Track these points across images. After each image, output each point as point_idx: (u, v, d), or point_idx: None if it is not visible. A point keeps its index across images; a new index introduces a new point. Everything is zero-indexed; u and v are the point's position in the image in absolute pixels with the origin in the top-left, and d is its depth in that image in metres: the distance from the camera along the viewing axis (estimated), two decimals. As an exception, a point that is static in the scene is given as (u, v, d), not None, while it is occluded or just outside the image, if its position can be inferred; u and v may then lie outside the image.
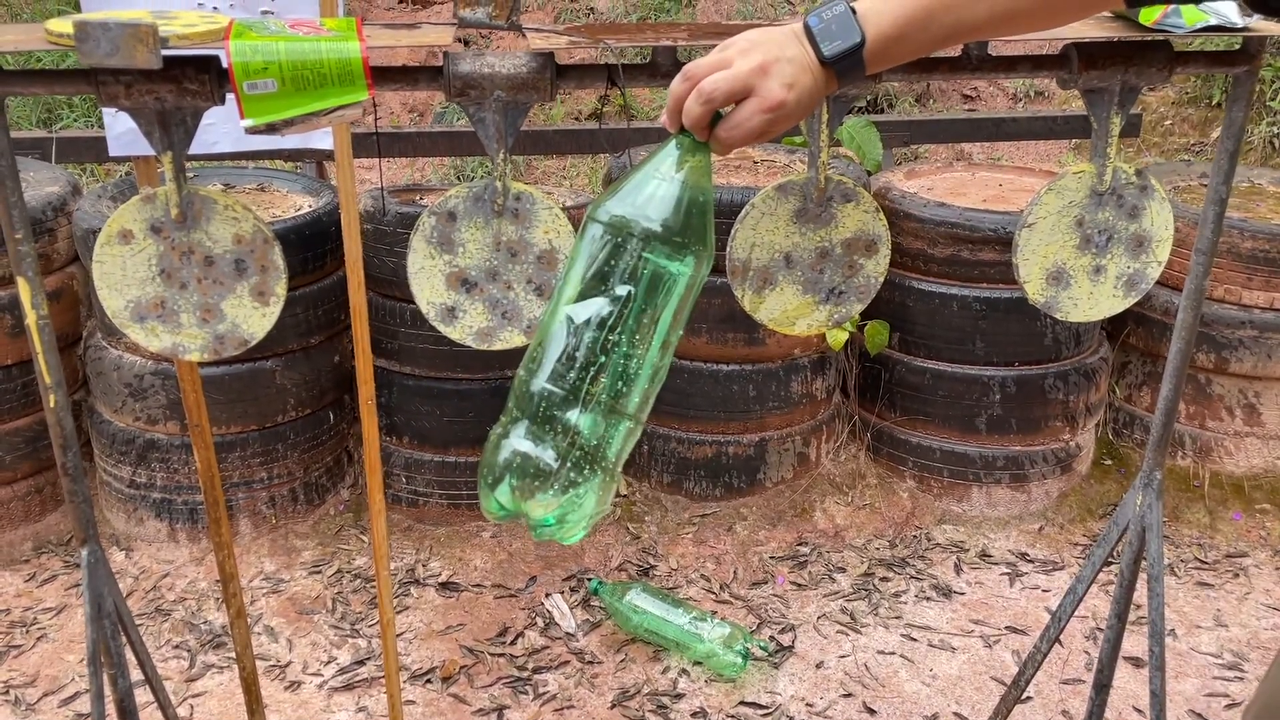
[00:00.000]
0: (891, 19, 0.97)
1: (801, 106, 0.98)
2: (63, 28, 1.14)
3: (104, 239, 1.27)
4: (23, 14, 5.96)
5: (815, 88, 0.99)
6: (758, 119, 0.97)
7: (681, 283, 1.03)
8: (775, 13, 6.35)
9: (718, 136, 0.99)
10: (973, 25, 0.98)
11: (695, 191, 1.01)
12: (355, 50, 1.14)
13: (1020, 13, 0.97)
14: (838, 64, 0.98)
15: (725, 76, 0.96)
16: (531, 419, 1.02)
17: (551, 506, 1.03)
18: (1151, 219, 1.42)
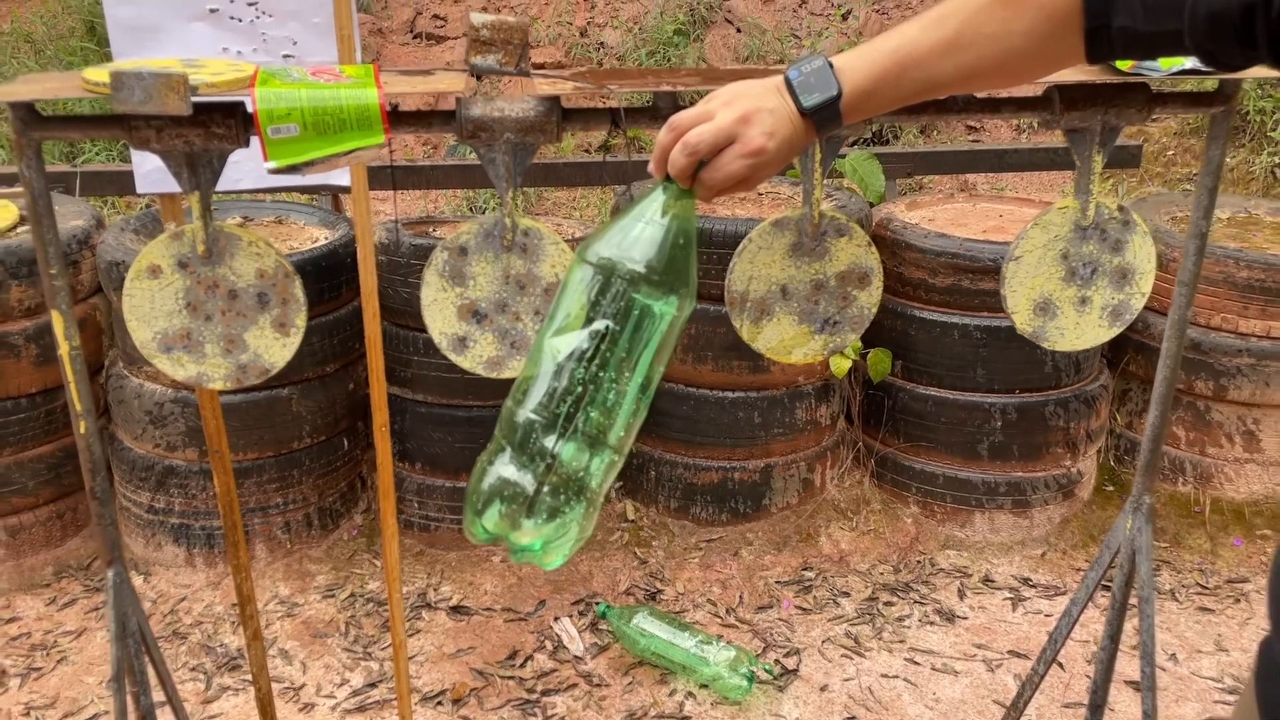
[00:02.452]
0: (866, 74, 1.04)
1: (781, 155, 1.05)
2: (99, 76, 1.22)
3: (134, 273, 1.34)
4: (46, 49, 6.11)
5: (795, 137, 1.06)
6: (739, 164, 1.04)
7: (664, 321, 1.09)
8: (783, 47, 6.45)
9: (701, 180, 1.06)
10: (942, 82, 1.04)
11: (679, 235, 1.08)
12: (373, 97, 1.21)
13: (984, 71, 1.03)
14: (816, 115, 1.04)
15: (709, 128, 1.04)
16: (517, 448, 1.08)
17: (536, 534, 1.08)
18: (1134, 252, 1.48)
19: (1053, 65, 1.04)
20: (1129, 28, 0.94)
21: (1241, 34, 0.87)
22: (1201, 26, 0.89)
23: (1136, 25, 0.94)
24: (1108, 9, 0.95)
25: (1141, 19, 0.93)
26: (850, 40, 6.45)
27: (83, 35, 6.16)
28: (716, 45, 6.65)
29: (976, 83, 1.06)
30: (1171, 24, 0.91)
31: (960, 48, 1.01)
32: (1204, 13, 0.89)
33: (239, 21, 1.75)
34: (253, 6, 1.75)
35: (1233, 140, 5.60)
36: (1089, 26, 0.97)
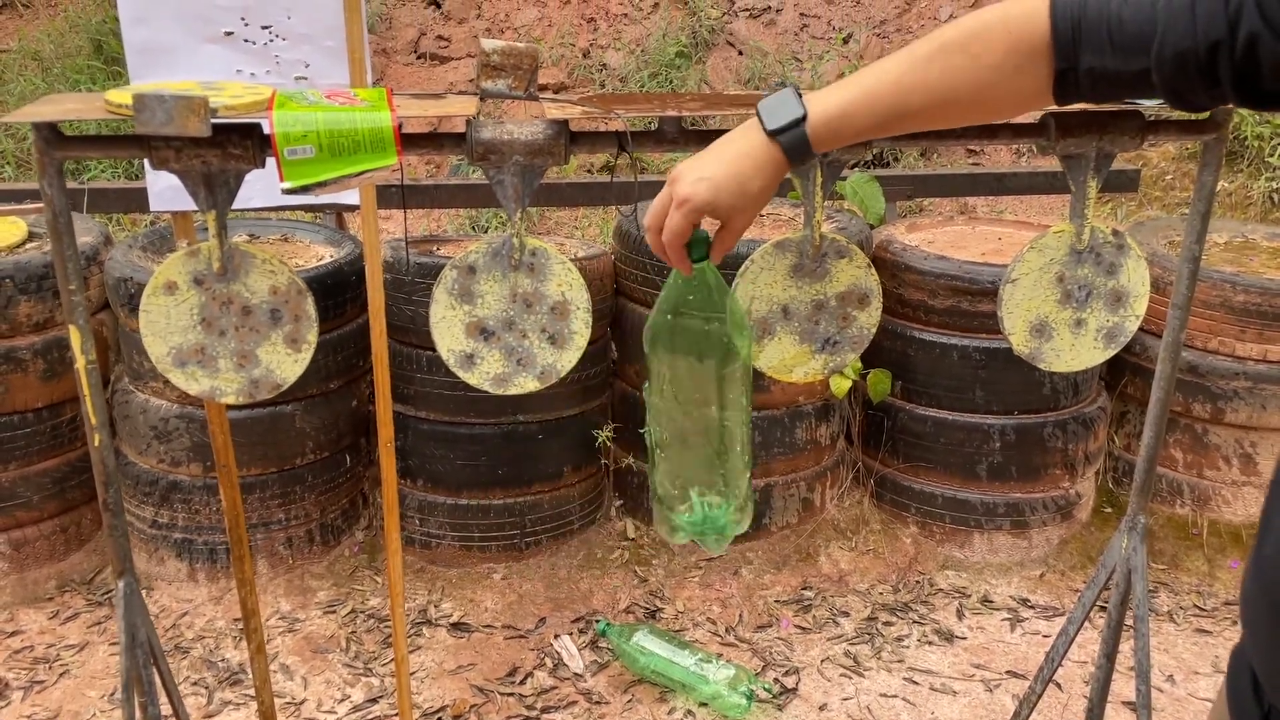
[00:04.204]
0: (835, 100, 1.07)
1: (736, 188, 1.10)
2: (121, 98, 1.25)
3: (150, 290, 1.37)
4: (53, 68, 6.17)
5: (758, 168, 1.09)
6: (675, 218, 1.13)
7: None
8: (784, 69, 6.51)
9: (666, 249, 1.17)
10: (912, 111, 1.05)
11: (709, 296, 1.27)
12: (387, 120, 1.25)
13: (955, 104, 1.04)
14: (782, 136, 1.08)
15: (651, 208, 1.17)
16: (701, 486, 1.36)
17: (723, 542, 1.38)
18: (1129, 275, 1.51)
19: (1022, 103, 1.04)
20: (1096, 68, 0.96)
21: (1206, 73, 0.89)
22: (1168, 65, 0.91)
23: (1105, 64, 0.95)
24: (1076, 50, 0.96)
25: (1110, 57, 0.94)
26: (851, 64, 6.52)
27: (89, 54, 6.22)
28: (718, 67, 6.71)
29: (947, 114, 1.07)
30: (1139, 63, 0.93)
31: (930, 80, 1.03)
32: (1170, 52, 0.90)
33: (253, 44, 1.79)
34: (266, 30, 1.79)
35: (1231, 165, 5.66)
36: (1058, 68, 0.98)
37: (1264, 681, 0.88)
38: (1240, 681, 0.92)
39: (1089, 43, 0.96)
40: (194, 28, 1.74)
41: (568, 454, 3.04)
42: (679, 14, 6.87)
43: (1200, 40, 0.88)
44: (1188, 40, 0.89)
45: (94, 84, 5.93)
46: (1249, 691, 0.90)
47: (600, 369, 3.09)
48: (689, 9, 6.85)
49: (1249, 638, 0.90)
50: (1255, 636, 0.88)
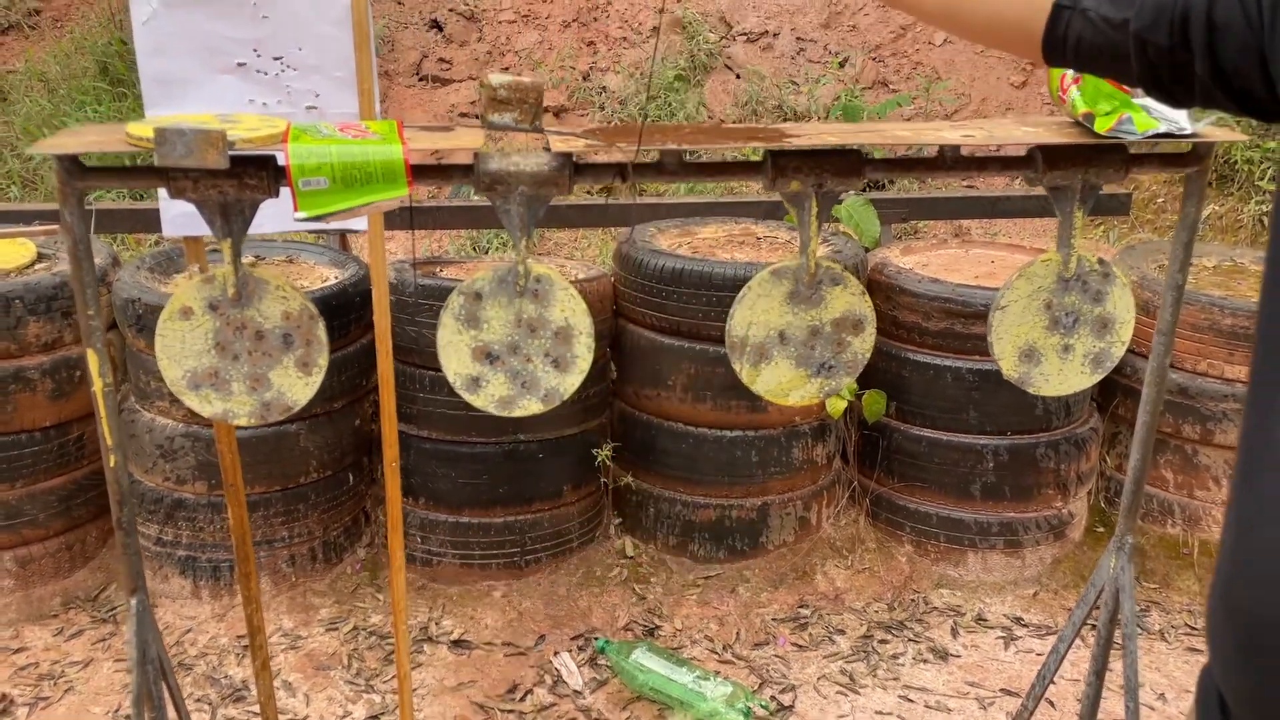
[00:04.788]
0: None
1: None
2: (142, 131, 1.30)
3: (167, 314, 1.41)
4: (59, 89, 6.23)
5: None
6: None
7: None
8: (781, 93, 6.59)
9: None
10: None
11: None
12: (398, 153, 1.30)
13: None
14: None
15: None
16: None
17: None
18: (1114, 303, 1.56)
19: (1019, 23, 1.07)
20: (1091, 10, 1.00)
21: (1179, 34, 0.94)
22: (1147, 14, 0.96)
23: (1100, 10, 1.00)
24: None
25: (1107, 7, 1.00)
26: (847, 87, 6.60)
27: (95, 75, 6.28)
28: (716, 91, 6.79)
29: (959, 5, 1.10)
30: (1125, 11, 0.98)
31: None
32: (1149, 9, 0.97)
33: (265, 75, 1.84)
34: (278, 61, 1.84)
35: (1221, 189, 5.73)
36: (1057, 2, 1.03)
37: (1230, 702, 0.91)
38: (1209, 702, 0.95)
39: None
40: (208, 59, 1.79)
41: (568, 472, 3.08)
42: (678, 38, 6.95)
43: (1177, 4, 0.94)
44: None
45: (99, 105, 6.00)
46: (1217, 712, 0.93)
47: (600, 389, 3.13)
48: (688, 33, 6.93)
49: (1214, 657, 0.93)
50: (1220, 656, 0.92)
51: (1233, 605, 0.89)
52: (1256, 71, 0.90)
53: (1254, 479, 0.89)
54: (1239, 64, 0.91)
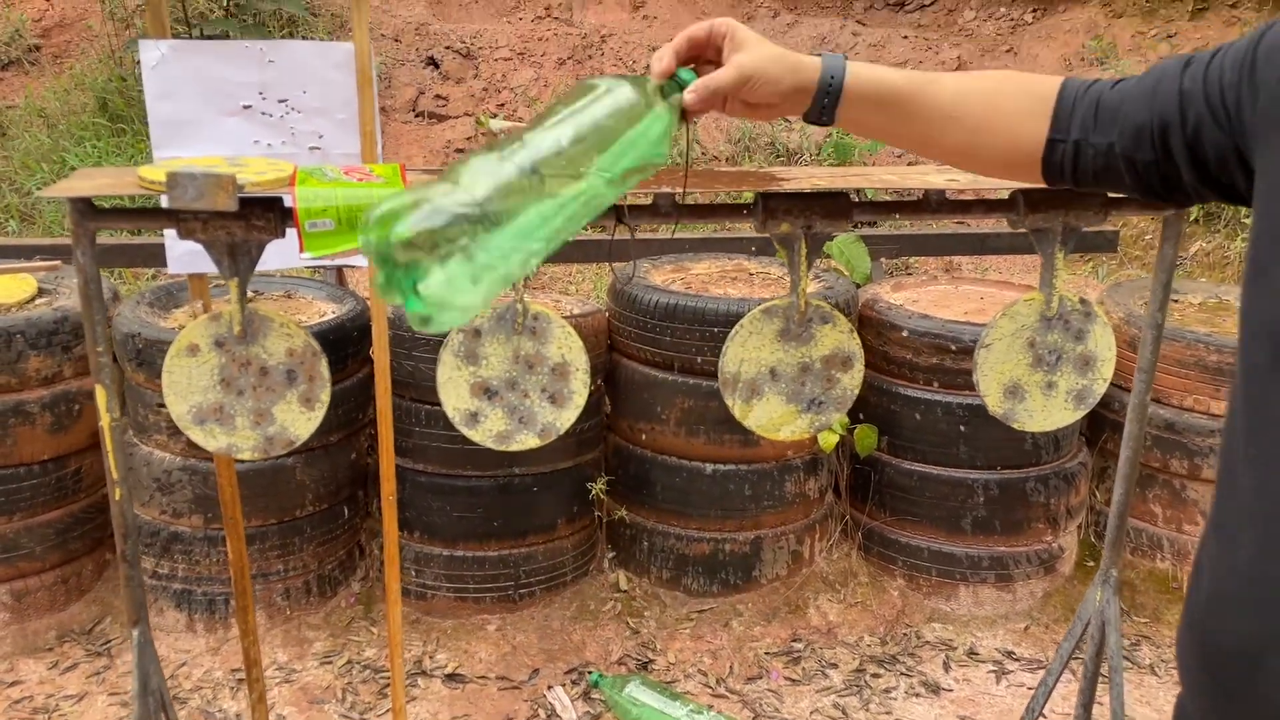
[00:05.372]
0: (874, 71, 1.14)
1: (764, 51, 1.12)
2: (155, 175, 1.34)
3: (174, 351, 1.45)
4: (59, 124, 6.30)
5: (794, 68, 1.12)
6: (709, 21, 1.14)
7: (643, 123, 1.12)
8: (773, 130, 6.69)
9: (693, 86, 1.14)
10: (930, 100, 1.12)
11: None
12: (402, 196, 1.34)
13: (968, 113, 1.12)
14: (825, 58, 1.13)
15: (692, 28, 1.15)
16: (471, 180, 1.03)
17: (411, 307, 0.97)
18: (1095, 341, 1.60)
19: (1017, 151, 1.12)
20: (1080, 140, 1.07)
21: (1160, 148, 1.00)
22: (1128, 136, 1.02)
23: (1087, 138, 1.06)
24: (1070, 121, 1.08)
25: (1092, 132, 1.06)
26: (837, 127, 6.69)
27: (94, 111, 6.35)
28: (709, 128, 6.89)
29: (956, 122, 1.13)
30: (1110, 136, 1.04)
31: (957, 82, 1.13)
32: (1131, 124, 1.02)
33: (270, 117, 1.89)
34: (283, 103, 1.89)
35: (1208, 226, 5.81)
36: (1051, 135, 1.09)
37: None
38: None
39: (1077, 118, 1.07)
40: (215, 102, 1.84)
41: (562, 506, 3.11)
42: (671, 75, 7.05)
43: (1155, 117, 1.00)
44: (1145, 115, 1.01)
45: (98, 140, 6.06)
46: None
47: (594, 423, 3.16)
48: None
49: (1184, 685, 0.97)
50: (1189, 684, 0.95)
51: (1199, 635, 0.92)
52: (1237, 169, 0.95)
53: (1221, 517, 0.93)
54: (1220, 165, 0.96)
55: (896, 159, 6.74)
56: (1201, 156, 0.98)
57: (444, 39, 7.31)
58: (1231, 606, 0.90)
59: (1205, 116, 0.95)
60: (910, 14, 8.66)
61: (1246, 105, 0.91)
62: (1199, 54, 1.00)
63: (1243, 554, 0.88)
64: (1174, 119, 0.98)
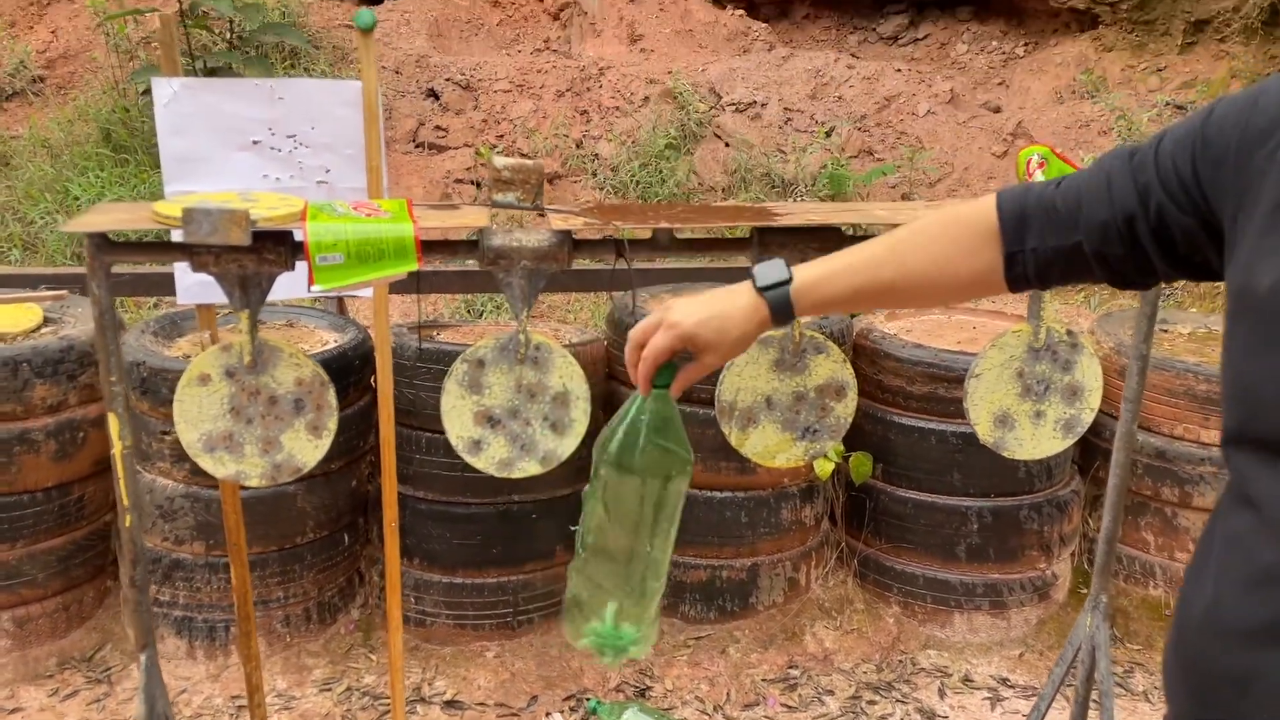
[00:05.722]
0: (819, 269, 1.20)
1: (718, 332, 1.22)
2: (170, 210, 1.39)
3: (185, 381, 1.49)
4: (62, 155, 6.36)
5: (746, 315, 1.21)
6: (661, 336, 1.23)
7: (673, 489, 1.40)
8: (769, 161, 6.77)
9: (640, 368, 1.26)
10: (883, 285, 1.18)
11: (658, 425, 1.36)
12: (409, 230, 1.39)
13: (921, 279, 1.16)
14: (768, 293, 1.20)
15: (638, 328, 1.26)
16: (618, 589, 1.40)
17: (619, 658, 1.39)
18: (1083, 371, 1.65)
19: (977, 282, 1.16)
20: (1039, 248, 1.09)
21: (1127, 240, 1.03)
22: (1094, 235, 1.04)
23: (1045, 243, 1.08)
24: (1022, 234, 1.10)
25: (1049, 237, 1.08)
26: (833, 156, 6.78)
27: (98, 141, 6.42)
28: (706, 159, 6.97)
29: (913, 290, 1.19)
30: (1072, 238, 1.06)
31: (899, 257, 1.17)
32: (1095, 223, 1.04)
33: (279, 152, 1.94)
34: (291, 139, 1.94)
35: (1197, 256, 5.87)
36: (1007, 252, 1.11)
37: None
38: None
39: (1031, 227, 1.09)
40: (225, 137, 1.89)
41: (560, 533, 3.13)
42: (669, 107, 7.15)
43: (1117, 212, 1.02)
44: (1106, 212, 1.03)
45: (101, 170, 6.12)
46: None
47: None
48: (678, 103, 7.13)
49: (1170, 708, 1.00)
50: (1174, 706, 0.99)
51: (1184, 659, 0.96)
52: (1208, 245, 0.98)
53: (1205, 545, 0.97)
54: (1189, 246, 1.00)
55: (891, 189, 6.82)
56: (1170, 241, 1.01)
57: (444, 71, 7.40)
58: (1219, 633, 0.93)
59: (1167, 203, 0.99)
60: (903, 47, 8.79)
61: (1206, 181, 0.95)
62: (1140, 145, 1.04)
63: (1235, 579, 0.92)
64: (1137, 210, 1.01)
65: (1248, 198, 0.91)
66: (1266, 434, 0.87)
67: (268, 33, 6.30)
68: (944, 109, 7.30)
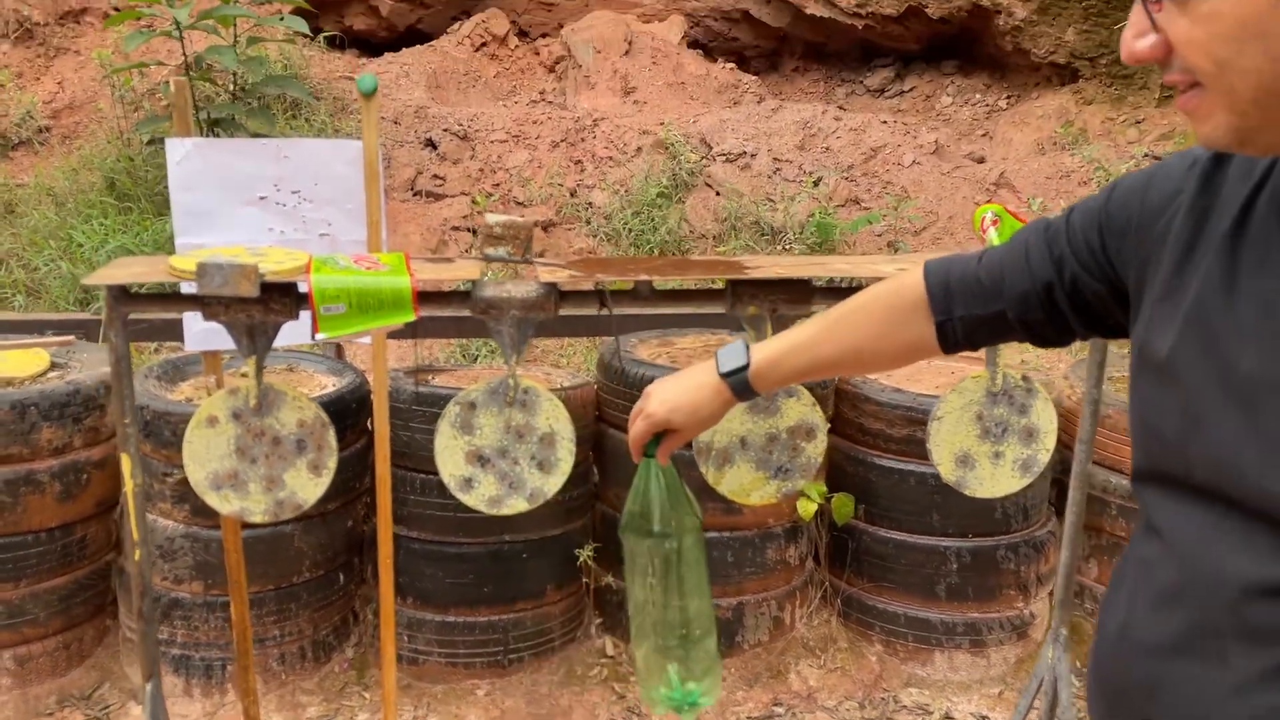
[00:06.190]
0: (772, 350, 1.34)
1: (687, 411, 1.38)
2: (184, 264, 1.50)
3: (195, 423, 1.59)
4: (67, 203, 6.50)
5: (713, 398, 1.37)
6: (638, 424, 1.41)
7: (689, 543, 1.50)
8: (758, 210, 6.93)
9: None
10: (827, 360, 1.33)
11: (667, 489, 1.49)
12: (407, 283, 1.50)
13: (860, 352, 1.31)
14: (729, 378, 1.35)
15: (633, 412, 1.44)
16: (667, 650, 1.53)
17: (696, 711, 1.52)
18: (1038, 415, 1.75)
19: (912, 351, 1.30)
20: (966, 316, 1.21)
21: (1047, 307, 1.15)
22: (1016, 304, 1.17)
23: (972, 311, 1.21)
24: (949, 305, 1.22)
25: (974, 306, 1.20)
26: (821, 205, 6.94)
27: (102, 190, 6.55)
28: (697, 207, 7.13)
29: (855, 361, 1.35)
30: (996, 306, 1.19)
31: (839, 335, 1.31)
32: (1016, 293, 1.16)
33: (283, 206, 2.06)
34: (295, 194, 2.06)
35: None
36: (937, 321, 1.24)
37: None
38: None
39: (957, 298, 1.22)
40: (234, 193, 2.01)
41: (550, 572, 3.21)
42: (661, 157, 7.33)
43: (1037, 281, 1.15)
44: (1026, 282, 1.15)
45: (105, 218, 6.25)
46: None
47: (583, 491, 3.29)
48: (670, 153, 7.31)
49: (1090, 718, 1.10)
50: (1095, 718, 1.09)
51: (1101, 672, 1.06)
52: (1116, 308, 1.10)
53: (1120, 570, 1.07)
54: (1102, 308, 1.12)
55: (877, 237, 6.98)
56: (1084, 305, 1.13)
57: (442, 121, 7.58)
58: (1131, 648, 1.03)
59: (1079, 271, 1.11)
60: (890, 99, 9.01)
61: (1112, 251, 1.07)
62: (1053, 219, 1.16)
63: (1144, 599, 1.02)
64: (1054, 279, 1.14)
65: (1149, 267, 1.02)
66: (1169, 470, 0.98)
67: (270, 85, 6.46)
68: (929, 159, 7.48)
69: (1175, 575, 0.97)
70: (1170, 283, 0.98)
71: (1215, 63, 0.84)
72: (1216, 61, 0.84)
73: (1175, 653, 0.96)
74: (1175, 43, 0.87)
